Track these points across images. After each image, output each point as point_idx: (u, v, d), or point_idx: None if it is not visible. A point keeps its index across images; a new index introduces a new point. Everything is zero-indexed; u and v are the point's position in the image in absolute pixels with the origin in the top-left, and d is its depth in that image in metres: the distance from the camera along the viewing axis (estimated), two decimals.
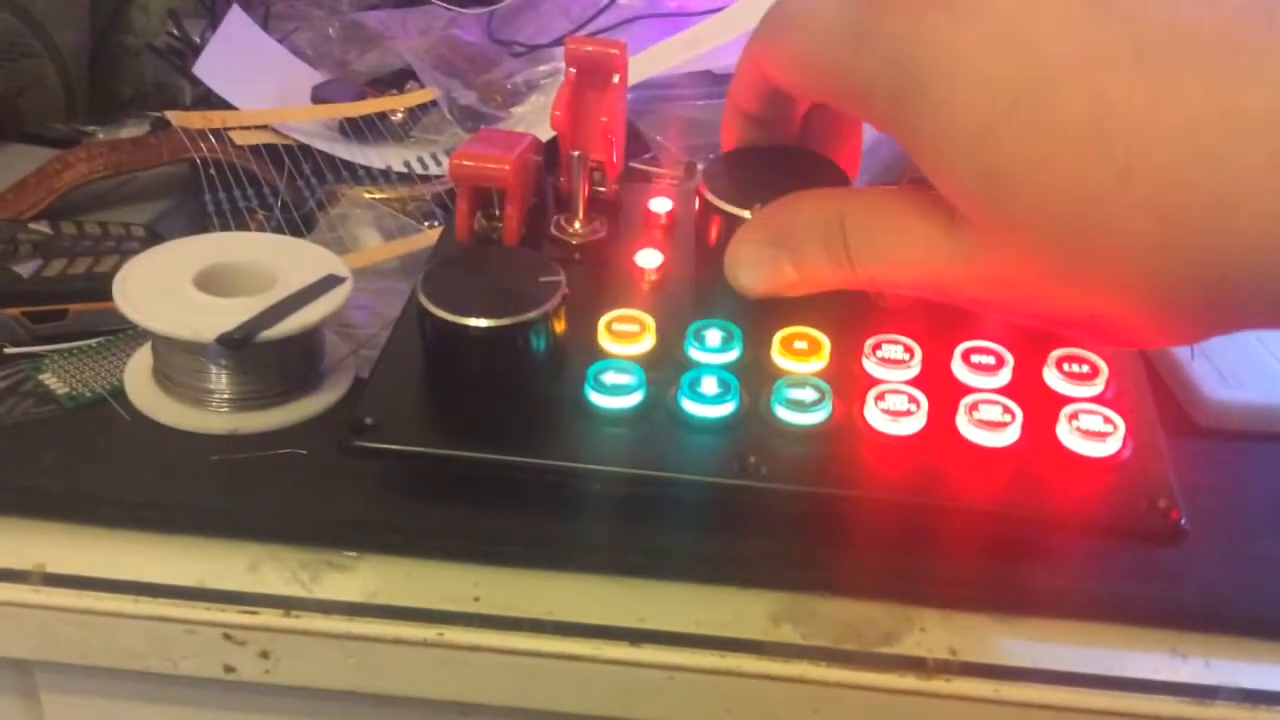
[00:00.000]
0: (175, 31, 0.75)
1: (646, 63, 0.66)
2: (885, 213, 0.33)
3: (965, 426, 0.40)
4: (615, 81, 0.49)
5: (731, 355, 0.43)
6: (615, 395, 0.41)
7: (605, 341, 0.43)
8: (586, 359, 0.42)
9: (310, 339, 0.48)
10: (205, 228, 0.58)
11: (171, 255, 0.49)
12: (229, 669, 0.41)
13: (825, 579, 0.41)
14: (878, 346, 0.42)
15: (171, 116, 0.63)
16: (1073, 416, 0.40)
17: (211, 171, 0.60)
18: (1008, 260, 0.29)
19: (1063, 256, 0.28)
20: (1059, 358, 0.42)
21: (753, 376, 0.42)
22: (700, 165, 0.61)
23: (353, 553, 0.42)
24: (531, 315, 0.40)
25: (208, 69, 0.68)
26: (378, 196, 0.62)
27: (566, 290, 0.42)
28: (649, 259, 0.47)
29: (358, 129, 0.66)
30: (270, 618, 0.40)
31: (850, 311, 0.44)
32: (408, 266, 0.57)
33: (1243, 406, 0.49)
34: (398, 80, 0.72)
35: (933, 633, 0.40)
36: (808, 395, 0.41)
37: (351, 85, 0.70)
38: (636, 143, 0.63)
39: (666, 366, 0.42)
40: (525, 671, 0.40)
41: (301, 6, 0.80)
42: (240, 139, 0.63)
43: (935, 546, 0.40)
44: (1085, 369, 0.42)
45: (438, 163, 0.65)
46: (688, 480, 0.40)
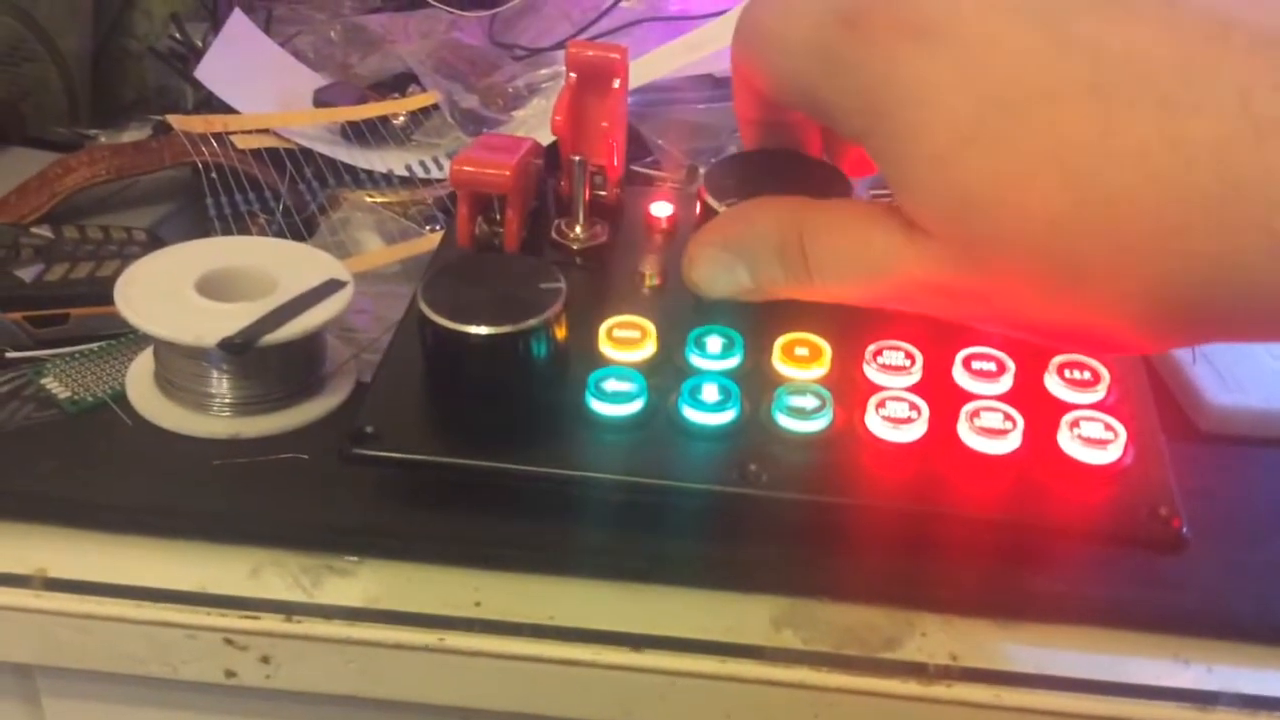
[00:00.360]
0: (177, 35, 0.75)
1: (648, 66, 0.66)
2: (844, 225, 0.33)
3: (966, 434, 0.40)
4: (616, 86, 0.49)
5: (732, 362, 0.43)
6: (616, 403, 0.41)
7: (606, 348, 0.43)
8: (587, 365, 0.42)
9: (312, 343, 0.48)
10: (207, 232, 0.58)
11: (173, 259, 0.49)
12: (230, 674, 0.41)
13: (826, 584, 0.41)
14: (879, 353, 0.42)
15: (173, 120, 0.63)
16: (1074, 424, 0.40)
17: (213, 175, 0.60)
18: (970, 274, 0.30)
19: (1025, 274, 0.29)
20: (1060, 364, 0.42)
21: (753, 383, 0.42)
22: (701, 169, 0.61)
23: (354, 558, 0.42)
24: (532, 323, 0.40)
25: (209, 73, 0.68)
26: (379, 200, 0.62)
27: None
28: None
29: (359, 132, 0.66)
30: (271, 623, 0.40)
31: (851, 317, 0.44)
32: (409, 270, 0.57)
33: (1244, 411, 0.49)
34: (399, 84, 0.72)
35: (934, 638, 0.40)
36: (809, 402, 0.41)
37: (353, 89, 0.70)
38: (637, 146, 0.63)
39: (667, 373, 0.42)
40: (526, 677, 0.40)
41: (303, 10, 0.80)
42: (242, 143, 0.63)
43: (937, 553, 0.40)
44: (1087, 375, 0.42)
45: (439, 166, 0.65)
46: (688, 489, 0.40)
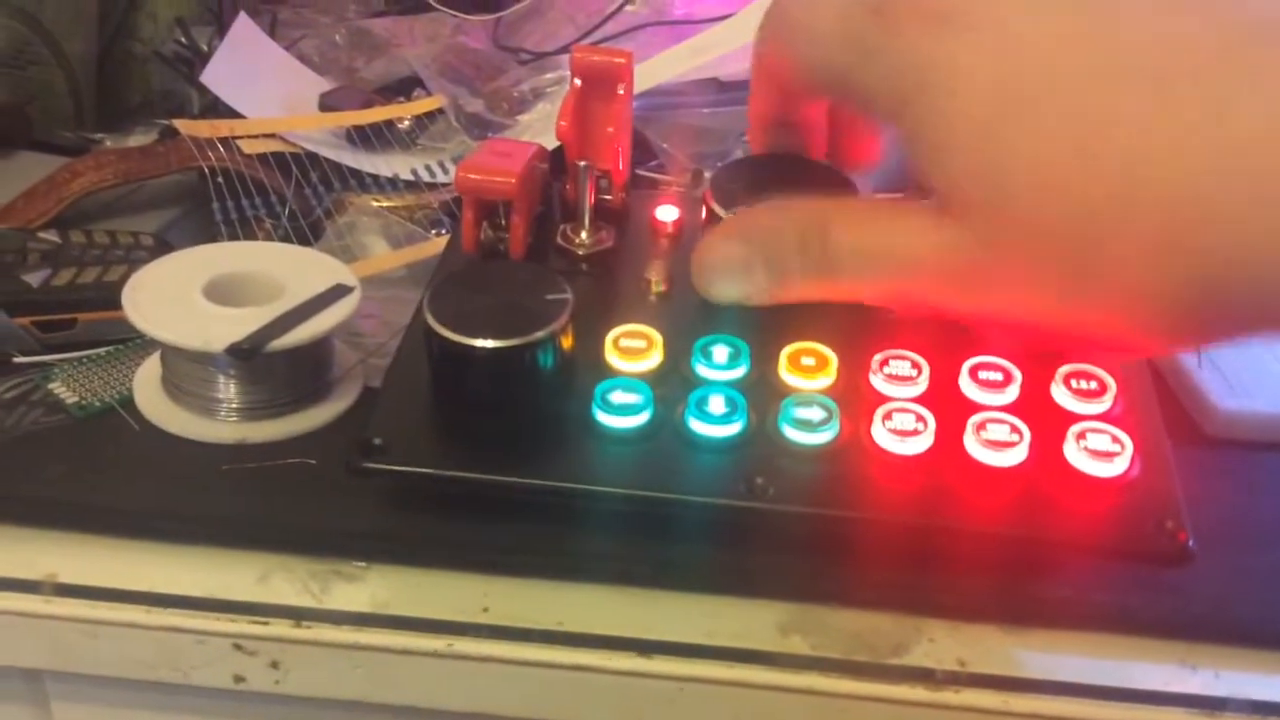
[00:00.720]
0: (183, 39, 0.75)
1: (652, 70, 0.66)
2: (868, 219, 0.32)
3: (973, 446, 0.40)
4: (621, 91, 0.49)
5: (739, 372, 0.43)
6: (622, 415, 0.41)
7: (612, 358, 0.43)
8: (594, 376, 0.42)
9: (319, 348, 0.48)
10: (213, 236, 0.58)
11: (180, 264, 0.49)
12: (239, 679, 0.41)
13: (835, 590, 0.41)
14: (885, 362, 0.42)
15: (179, 125, 0.63)
16: (1080, 435, 0.40)
17: (219, 180, 0.60)
18: (1000, 267, 0.29)
19: (1057, 263, 0.28)
20: (1067, 374, 0.42)
21: (760, 394, 0.42)
22: (706, 173, 0.61)
23: (362, 563, 0.42)
24: (539, 335, 0.40)
25: (215, 77, 0.68)
26: (385, 204, 0.63)
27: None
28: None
29: (365, 137, 0.67)
30: (280, 628, 0.40)
31: (857, 326, 0.44)
32: (415, 274, 0.57)
33: (1251, 416, 0.49)
34: (405, 88, 0.72)
35: (942, 644, 0.40)
36: (815, 414, 0.41)
37: (358, 93, 0.70)
38: (642, 150, 0.63)
39: (674, 383, 0.42)
40: (535, 682, 0.40)
41: (308, 14, 0.80)
42: (248, 147, 0.63)
43: (944, 562, 0.40)
44: (1093, 385, 0.42)
45: (445, 170, 0.65)
46: (695, 503, 0.40)
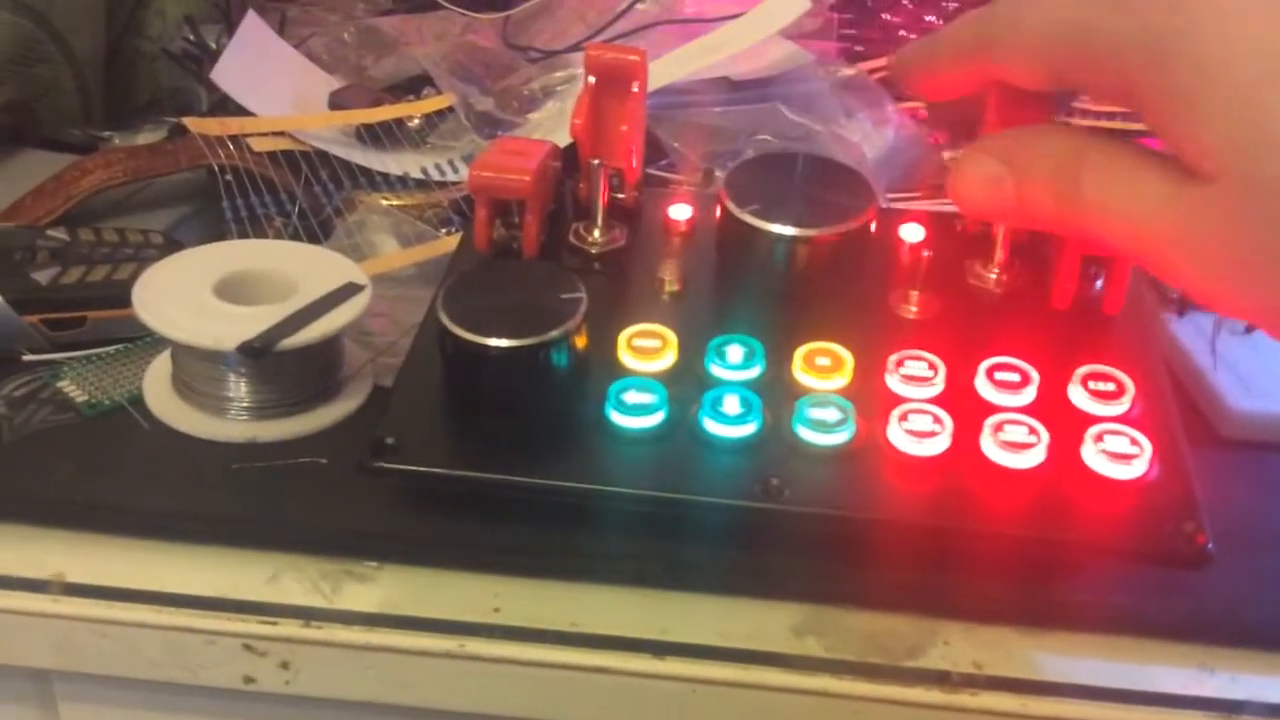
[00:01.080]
0: (191, 37, 0.75)
1: (664, 69, 0.66)
2: (1121, 165, 0.31)
3: (990, 448, 0.39)
4: (635, 89, 0.49)
5: (753, 372, 0.42)
6: (636, 415, 0.41)
7: (626, 357, 0.43)
8: (607, 376, 0.42)
9: (329, 347, 0.48)
10: (222, 234, 0.58)
11: (190, 262, 0.49)
12: (249, 679, 0.41)
13: (849, 592, 0.41)
14: (901, 363, 0.42)
15: (189, 123, 0.63)
16: (1098, 438, 0.39)
17: (229, 178, 0.59)
18: (1241, 230, 0.28)
19: None
20: (1084, 375, 0.42)
21: (775, 394, 0.42)
22: (718, 172, 0.61)
23: (373, 563, 0.42)
24: (553, 334, 0.40)
25: (224, 75, 0.68)
26: (395, 203, 0.62)
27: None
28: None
29: (374, 135, 0.66)
30: (290, 628, 0.40)
31: (872, 326, 0.44)
32: (425, 273, 0.57)
33: (1266, 417, 0.48)
34: (414, 86, 0.72)
35: (957, 646, 0.39)
36: (830, 415, 0.40)
37: (368, 91, 0.70)
38: (653, 149, 0.63)
39: (688, 383, 0.42)
40: (547, 683, 0.40)
41: (317, 12, 0.80)
42: (257, 145, 0.63)
43: (960, 564, 0.40)
44: (1111, 387, 0.41)
45: (455, 169, 0.65)
46: (710, 504, 0.39)
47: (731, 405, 0.41)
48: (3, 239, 0.53)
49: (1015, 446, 0.39)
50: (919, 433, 0.40)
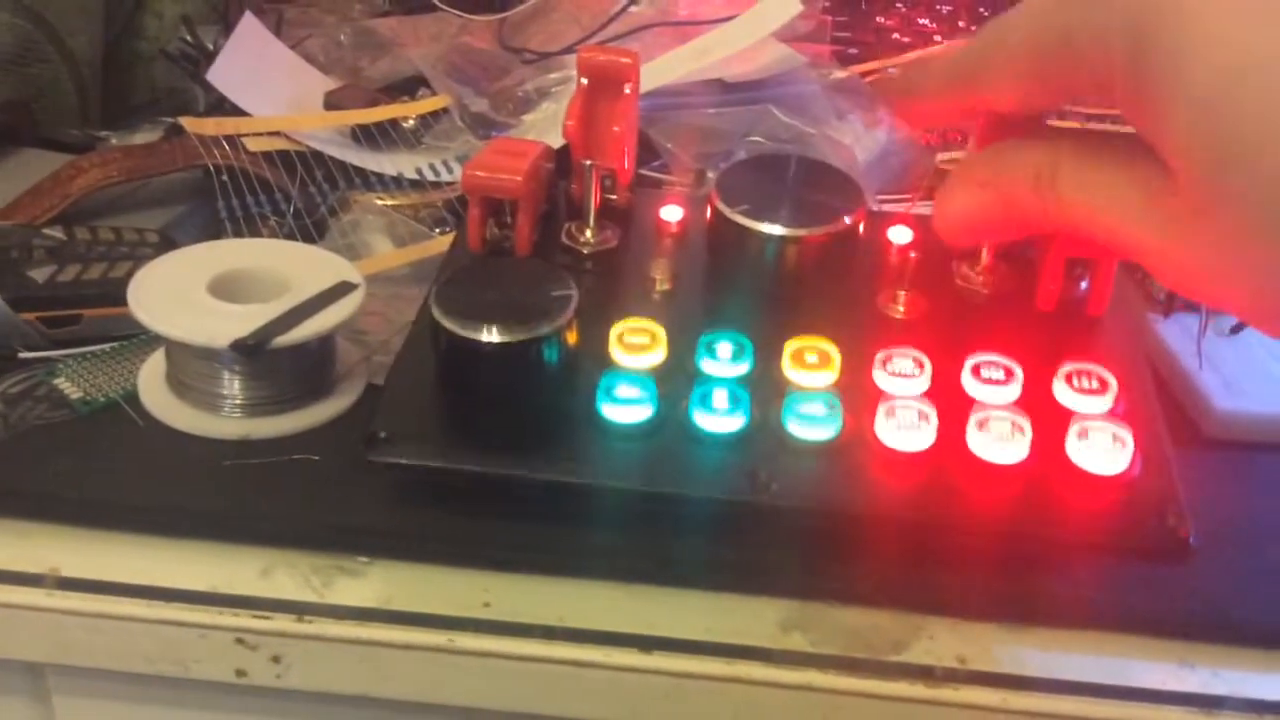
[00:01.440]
0: (188, 37, 0.75)
1: (657, 71, 0.66)
2: (1100, 163, 0.31)
3: (975, 442, 0.40)
4: (627, 91, 0.50)
5: (742, 368, 0.43)
6: (626, 409, 0.41)
7: (616, 352, 0.43)
8: (598, 370, 0.42)
9: (323, 345, 0.48)
10: (218, 234, 0.58)
11: (185, 261, 0.49)
12: (240, 673, 0.41)
13: (835, 587, 0.41)
14: (888, 359, 0.42)
15: (185, 122, 0.63)
16: (1082, 433, 0.40)
17: (224, 178, 0.60)
18: (1209, 241, 0.28)
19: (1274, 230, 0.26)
20: (1069, 372, 0.42)
21: (763, 389, 0.42)
22: (710, 173, 0.61)
23: (365, 558, 0.42)
24: (545, 329, 0.40)
25: (221, 75, 0.68)
26: (389, 203, 0.63)
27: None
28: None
29: (370, 136, 0.67)
30: (282, 623, 0.40)
31: (860, 324, 0.44)
32: (419, 273, 0.57)
33: (1249, 416, 0.49)
34: (410, 87, 0.73)
35: (941, 641, 0.40)
36: (818, 410, 0.41)
37: (363, 92, 0.70)
38: (646, 150, 0.63)
39: (677, 379, 0.43)
40: (535, 678, 0.40)
41: (314, 13, 0.80)
42: (253, 145, 0.63)
43: (945, 559, 0.40)
44: (1095, 384, 0.42)
45: (449, 169, 0.65)
46: (698, 498, 0.40)
47: (720, 400, 0.41)
48: None
49: (1000, 441, 0.39)
50: (905, 428, 0.40)
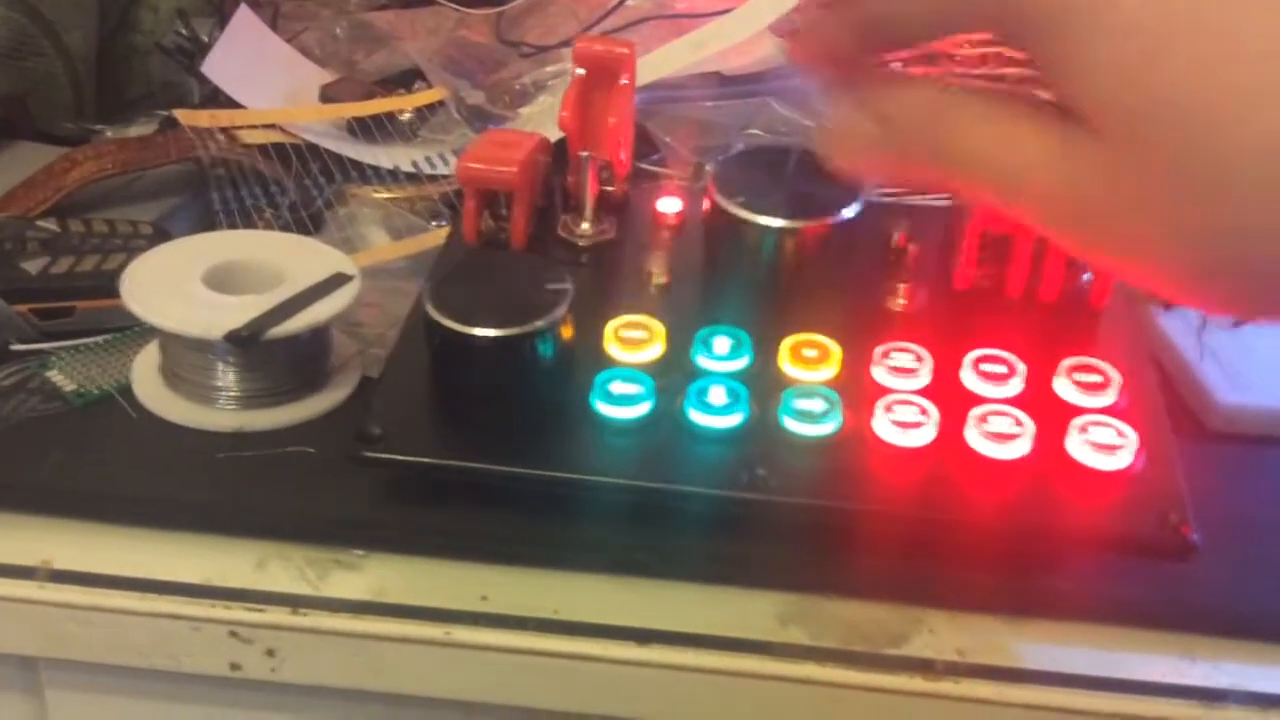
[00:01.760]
0: (183, 30, 0.75)
1: (655, 64, 0.66)
2: (1001, 114, 0.30)
3: (975, 439, 0.40)
4: (623, 82, 0.49)
5: (740, 363, 0.43)
6: (623, 405, 0.41)
7: (613, 348, 0.43)
8: (594, 366, 0.42)
9: (318, 337, 0.48)
10: (212, 226, 0.58)
11: (179, 252, 0.49)
12: (235, 666, 0.41)
13: (834, 581, 0.41)
14: (887, 354, 0.42)
15: (180, 115, 0.63)
16: (1084, 429, 0.40)
17: (219, 170, 0.60)
18: (1127, 198, 0.27)
19: (1193, 196, 0.26)
20: (1070, 367, 0.42)
21: (761, 385, 0.42)
22: (708, 166, 0.61)
23: (360, 551, 0.42)
24: (539, 324, 0.40)
25: (216, 68, 0.68)
26: (385, 196, 0.62)
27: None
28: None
29: (366, 129, 0.66)
30: (277, 615, 0.40)
31: (859, 318, 0.44)
32: (415, 265, 0.57)
33: (1252, 410, 0.48)
34: (406, 80, 0.72)
35: (941, 634, 0.40)
36: (816, 406, 0.41)
37: (359, 85, 0.70)
38: (644, 143, 0.63)
39: (674, 374, 0.42)
40: (532, 671, 0.40)
41: (310, 6, 0.80)
42: (248, 138, 0.63)
43: (945, 554, 0.40)
44: (1097, 379, 0.41)
45: (445, 162, 0.65)
46: (695, 493, 0.40)
47: (718, 396, 0.41)
48: None
49: (1000, 438, 0.39)
50: (904, 424, 0.40)
